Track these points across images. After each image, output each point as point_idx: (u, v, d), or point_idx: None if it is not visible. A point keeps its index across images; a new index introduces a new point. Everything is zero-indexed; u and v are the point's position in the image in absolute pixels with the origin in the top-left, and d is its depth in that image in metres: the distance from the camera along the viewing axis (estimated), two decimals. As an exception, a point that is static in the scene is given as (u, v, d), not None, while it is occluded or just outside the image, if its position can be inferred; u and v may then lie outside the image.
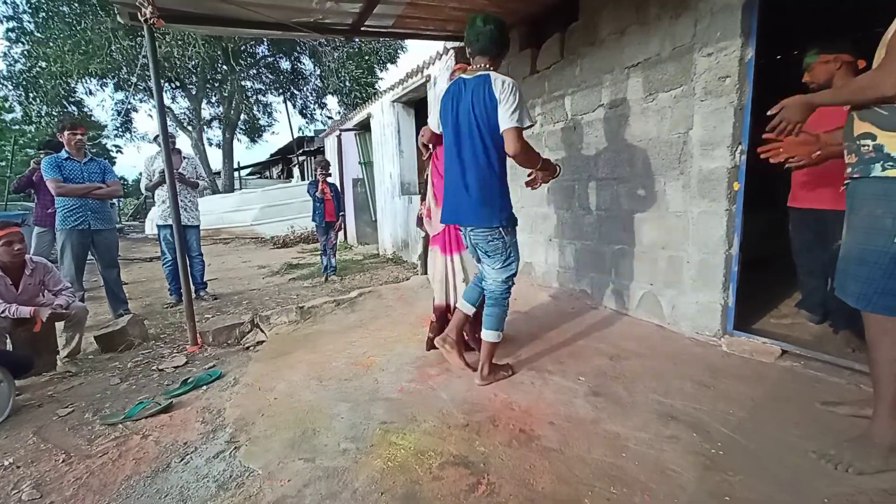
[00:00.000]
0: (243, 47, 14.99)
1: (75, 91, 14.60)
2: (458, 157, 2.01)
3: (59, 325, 2.81)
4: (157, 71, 2.81)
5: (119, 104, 17.03)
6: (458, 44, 4.38)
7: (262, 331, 3.22)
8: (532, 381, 2.17)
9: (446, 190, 2.12)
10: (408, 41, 14.58)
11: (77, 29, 12.20)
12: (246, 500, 1.46)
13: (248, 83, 17.03)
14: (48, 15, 12.56)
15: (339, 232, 5.77)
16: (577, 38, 3.21)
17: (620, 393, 2.02)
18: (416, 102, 6.22)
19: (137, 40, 11.80)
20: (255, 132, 20.14)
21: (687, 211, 2.57)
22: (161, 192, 4.30)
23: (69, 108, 14.73)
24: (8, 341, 2.54)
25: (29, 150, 19.88)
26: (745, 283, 2.48)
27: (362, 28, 3.54)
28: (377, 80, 16.62)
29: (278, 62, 16.84)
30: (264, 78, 17.34)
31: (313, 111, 18.53)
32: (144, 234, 12.65)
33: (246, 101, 17.48)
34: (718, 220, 2.41)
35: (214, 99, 17.65)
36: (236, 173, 19.38)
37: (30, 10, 12.97)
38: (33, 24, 13.16)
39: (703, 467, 1.49)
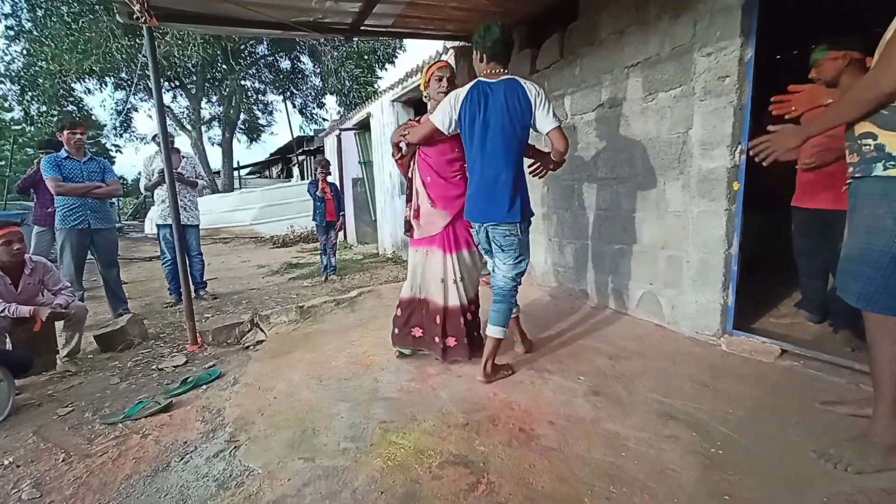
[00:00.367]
0: (243, 46, 14.97)
1: (74, 90, 14.57)
2: (488, 156, 2.07)
3: (59, 325, 2.80)
4: (156, 70, 2.80)
5: (119, 103, 17.04)
6: (458, 43, 4.37)
7: (262, 330, 3.22)
8: (532, 381, 2.17)
9: (475, 188, 2.14)
10: (407, 41, 14.58)
11: (75, 28, 12.17)
12: (246, 499, 1.46)
13: (247, 82, 17.02)
14: (46, 14, 12.52)
15: (340, 231, 5.77)
16: (577, 38, 3.21)
17: (620, 392, 2.02)
18: (415, 102, 6.21)
19: (137, 39, 11.78)
20: (254, 132, 20.11)
21: (687, 210, 2.57)
22: (160, 192, 4.30)
23: (68, 108, 14.69)
24: (7, 341, 2.54)
25: (28, 150, 19.88)
26: (745, 283, 2.49)
27: (362, 27, 3.54)
28: (376, 79, 16.61)
29: (278, 61, 16.82)
30: (264, 77, 17.32)
31: (313, 110, 18.54)
32: (144, 234, 12.66)
33: (246, 100, 17.47)
34: (718, 219, 2.41)
35: (214, 98, 17.64)
36: (236, 173, 19.38)
37: (27, 8, 12.93)
38: (31, 23, 13.13)
39: (702, 467, 1.49)
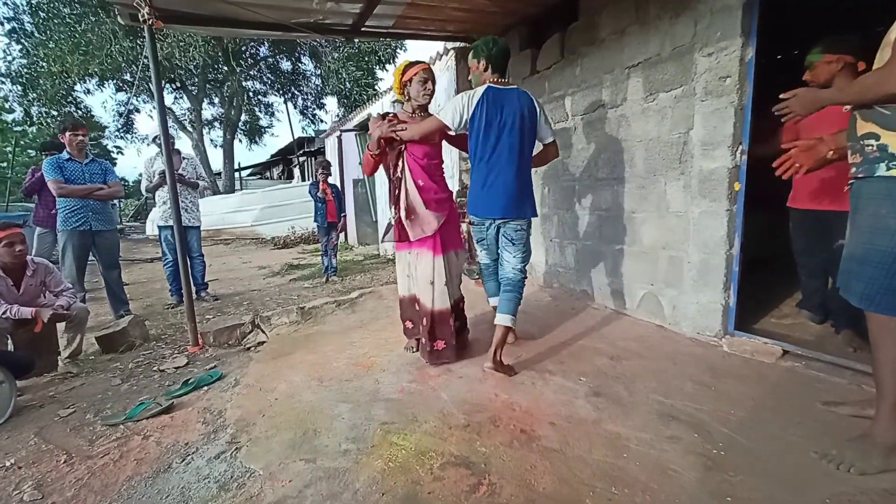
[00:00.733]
0: (244, 48, 15.01)
1: (75, 91, 14.62)
2: (507, 157, 2.22)
3: (61, 326, 2.81)
4: (157, 72, 2.81)
5: (120, 105, 17.10)
6: (458, 44, 4.38)
7: (263, 331, 3.22)
8: (533, 382, 2.17)
9: (492, 186, 2.25)
10: (408, 42, 14.59)
11: (77, 30, 12.21)
12: (247, 500, 1.46)
13: (248, 84, 17.05)
14: (48, 16, 12.56)
15: (341, 233, 5.77)
16: (577, 39, 3.22)
17: (621, 393, 2.02)
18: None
19: (138, 41, 11.81)
20: (255, 133, 20.13)
21: (687, 211, 2.57)
22: (162, 193, 4.30)
23: (69, 109, 14.73)
24: (9, 342, 2.55)
25: (30, 151, 19.94)
26: (746, 283, 2.48)
27: (362, 28, 3.55)
28: (377, 80, 16.63)
29: (279, 62, 16.85)
30: (265, 78, 17.35)
31: (314, 111, 18.57)
32: (145, 235, 12.67)
33: (247, 101, 17.50)
34: (719, 220, 2.41)
35: (216, 100, 17.68)
36: (237, 174, 19.41)
37: (29, 11, 12.98)
38: (33, 25, 13.17)
39: (704, 467, 1.49)
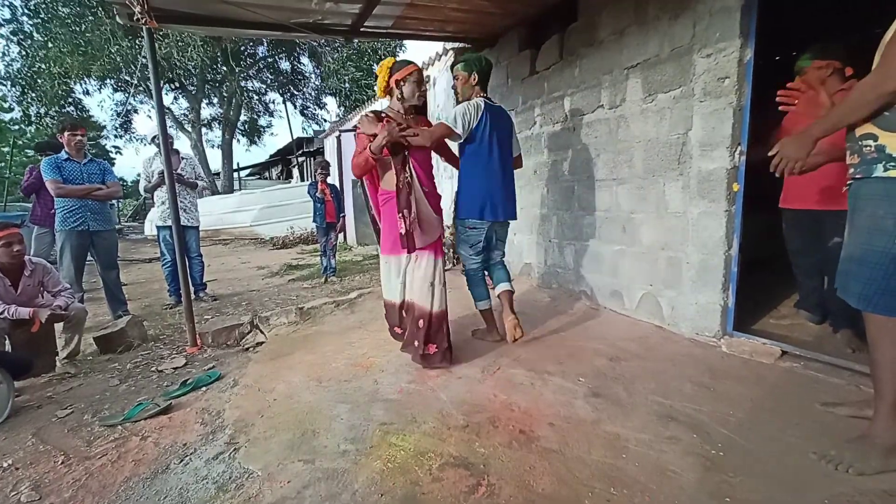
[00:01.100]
0: (243, 48, 14.99)
1: (73, 91, 14.59)
2: (503, 165, 2.55)
3: (59, 327, 2.80)
4: (156, 72, 2.80)
5: (119, 105, 17.05)
6: (457, 45, 4.38)
7: (262, 332, 3.22)
8: (532, 382, 2.17)
9: (496, 190, 2.53)
10: (407, 42, 14.59)
11: (76, 31, 12.19)
12: (245, 501, 1.46)
13: (247, 83, 17.02)
14: (47, 17, 12.55)
15: (340, 233, 5.76)
16: (577, 39, 3.22)
17: (620, 394, 2.02)
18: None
19: (137, 41, 11.80)
20: (254, 133, 20.11)
21: (686, 212, 2.57)
22: (160, 193, 4.29)
23: (68, 109, 14.71)
24: (7, 342, 2.54)
25: (28, 151, 19.88)
26: (745, 284, 2.48)
27: (362, 29, 3.54)
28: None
29: (278, 62, 16.83)
30: (264, 78, 17.33)
31: (313, 111, 18.55)
32: (144, 235, 12.67)
33: (246, 101, 17.47)
34: (718, 220, 2.41)
35: (214, 100, 17.65)
36: (236, 174, 19.38)
37: (29, 12, 12.96)
38: (32, 27, 13.15)
39: (703, 468, 1.49)
